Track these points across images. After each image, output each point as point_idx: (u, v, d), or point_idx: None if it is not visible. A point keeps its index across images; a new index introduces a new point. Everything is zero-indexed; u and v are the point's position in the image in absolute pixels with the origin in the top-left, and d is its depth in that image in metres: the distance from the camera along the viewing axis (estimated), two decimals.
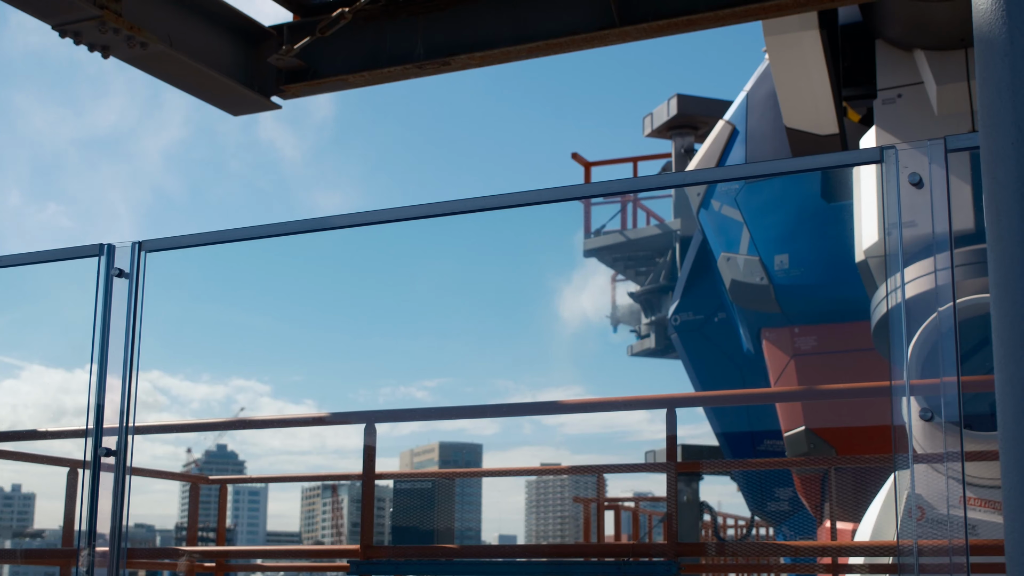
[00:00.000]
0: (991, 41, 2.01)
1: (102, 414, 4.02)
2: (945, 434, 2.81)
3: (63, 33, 6.80)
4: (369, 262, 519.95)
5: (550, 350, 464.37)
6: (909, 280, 3.14)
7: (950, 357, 2.87)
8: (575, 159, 21.40)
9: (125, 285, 4.02)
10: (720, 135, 12.22)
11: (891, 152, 2.86)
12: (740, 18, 6.91)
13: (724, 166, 11.76)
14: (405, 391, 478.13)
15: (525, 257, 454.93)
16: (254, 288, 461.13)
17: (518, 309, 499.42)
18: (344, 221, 4.05)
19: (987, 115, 2.01)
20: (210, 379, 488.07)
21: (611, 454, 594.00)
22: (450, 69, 7.60)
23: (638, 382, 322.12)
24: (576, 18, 7.17)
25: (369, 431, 7.76)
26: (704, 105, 19.22)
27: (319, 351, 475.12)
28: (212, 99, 7.86)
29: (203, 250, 4.23)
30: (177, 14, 7.34)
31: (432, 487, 10.09)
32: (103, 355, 4.00)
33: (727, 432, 13.48)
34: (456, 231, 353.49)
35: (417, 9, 7.58)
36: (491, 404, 23.49)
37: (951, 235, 2.74)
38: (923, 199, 2.80)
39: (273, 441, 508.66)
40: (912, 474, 3.16)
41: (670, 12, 6.95)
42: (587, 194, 5.26)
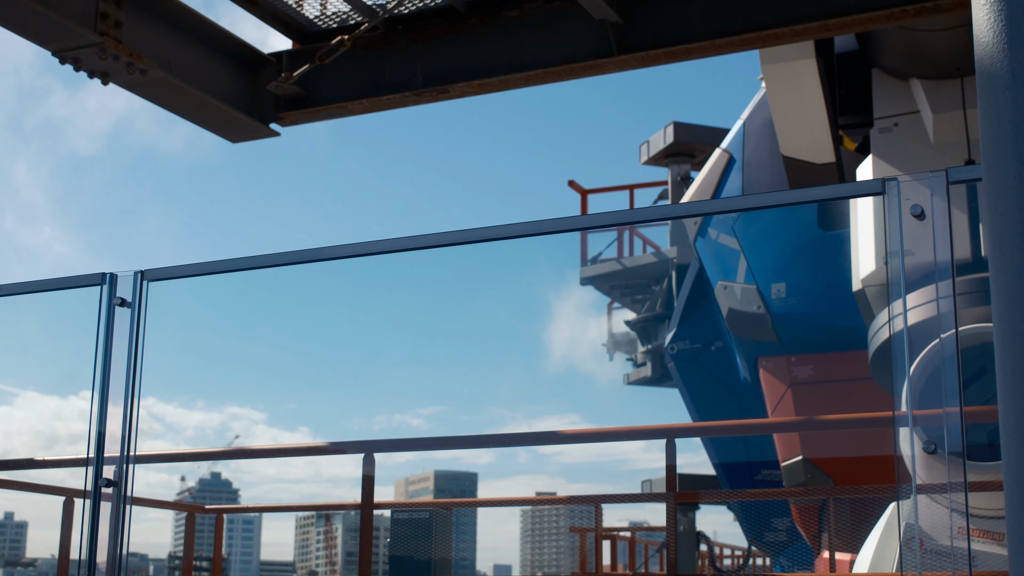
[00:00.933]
0: (993, 74, 2.01)
1: (103, 443, 4.01)
2: (948, 465, 2.81)
3: (63, 59, 6.82)
4: (365, 292, 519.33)
5: (546, 378, 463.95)
6: (909, 308, 3.14)
7: (952, 387, 2.86)
8: (572, 186, 21.43)
9: (127, 314, 4.02)
10: (717, 163, 12.24)
11: (893, 184, 2.86)
12: (737, 47, 6.94)
13: (723, 197, 11.78)
14: (400, 419, 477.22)
15: (521, 285, 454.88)
16: (250, 316, 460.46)
17: (514, 337, 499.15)
18: (341, 252, 4.05)
19: (989, 147, 2.01)
20: (205, 406, 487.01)
21: (607, 483, 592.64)
22: (448, 97, 7.62)
23: (634, 411, 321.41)
24: (574, 46, 7.20)
25: (368, 461, 7.74)
26: (701, 133, 19.27)
27: (314, 379, 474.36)
28: (211, 126, 7.88)
29: (201, 279, 4.23)
30: (177, 41, 7.36)
31: (429, 517, 10.06)
32: (104, 385, 3.99)
33: (724, 462, 13.45)
34: (453, 261, 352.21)
35: (416, 37, 7.61)
36: (488, 434, 23.43)
37: (953, 266, 2.75)
38: (924, 230, 2.80)
39: (268, 469, 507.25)
40: (915, 505, 3.15)
41: (667, 41, 6.98)
42: (584, 226, 5.26)
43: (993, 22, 2.00)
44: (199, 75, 7.51)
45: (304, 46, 7.82)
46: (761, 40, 6.89)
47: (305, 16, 7.72)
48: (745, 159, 11.96)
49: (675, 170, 19.62)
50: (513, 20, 7.36)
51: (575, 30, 7.17)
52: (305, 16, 7.72)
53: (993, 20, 2.01)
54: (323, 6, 7.69)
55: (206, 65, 7.60)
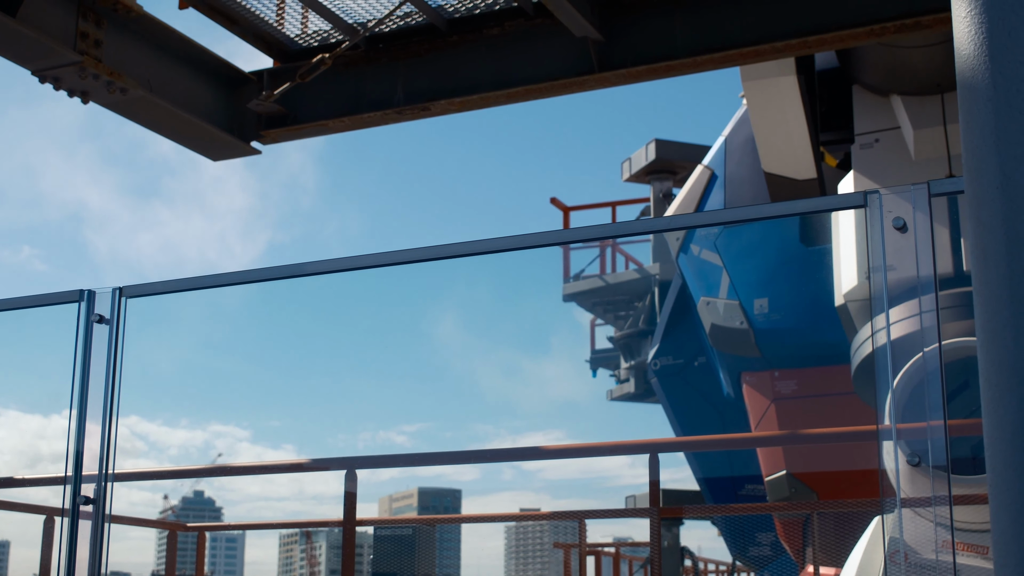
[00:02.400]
0: (974, 86, 2.02)
1: (81, 461, 3.98)
2: (932, 479, 2.81)
3: (43, 79, 6.80)
4: (347, 308, 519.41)
5: (530, 394, 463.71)
6: (892, 322, 3.14)
7: (935, 400, 2.86)
8: (554, 204, 21.46)
9: (105, 331, 4.00)
10: (699, 180, 12.27)
11: (875, 197, 2.87)
12: (718, 64, 6.96)
13: (704, 211, 11.80)
14: (385, 436, 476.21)
15: (505, 302, 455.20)
16: (233, 333, 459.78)
17: (498, 353, 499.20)
18: (323, 267, 4.04)
19: (971, 159, 2.01)
20: (188, 424, 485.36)
21: (591, 499, 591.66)
22: (430, 114, 7.62)
23: (618, 426, 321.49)
24: (555, 64, 7.21)
25: (350, 478, 7.71)
26: (682, 150, 19.31)
27: (298, 396, 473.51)
28: (192, 144, 7.86)
29: (182, 295, 4.21)
30: (157, 59, 7.35)
31: (412, 533, 10.02)
32: (82, 402, 3.97)
33: (708, 477, 13.45)
34: (435, 277, 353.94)
35: (397, 55, 7.61)
36: (470, 451, 23.35)
37: (936, 279, 2.75)
38: (906, 243, 2.80)
39: (251, 487, 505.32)
40: (899, 519, 3.14)
41: (649, 58, 6.99)
42: (566, 240, 5.26)
43: (974, 35, 2.01)
44: (180, 94, 7.50)
45: (285, 64, 7.82)
46: (742, 57, 6.91)
47: (286, 34, 7.72)
48: (727, 175, 11.98)
49: (657, 187, 19.65)
50: (494, 38, 7.37)
51: (556, 47, 7.18)
52: (286, 34, 7.72)
53: (974, 33, 2.01)
54: (304, 24, 7.69)
55: (187, 84, 7.59)
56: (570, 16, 6.72)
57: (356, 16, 7.48)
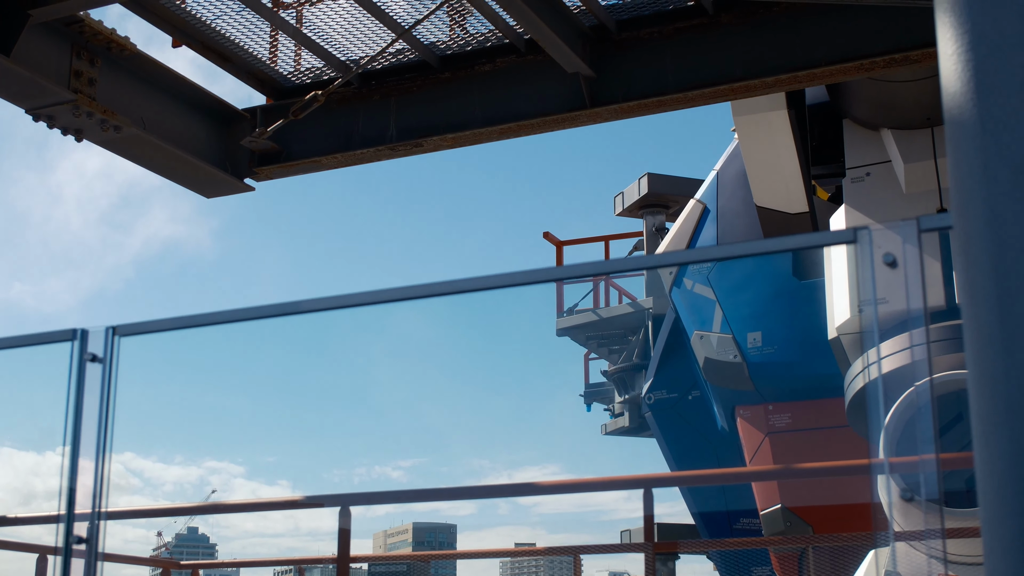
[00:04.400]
0: (961, 123, 2.03)
1: (74, 500, 3.97)
2: (925, 512, 2.81)
3: (37, 117, 6.82)
4: (341, 344, 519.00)
5: (525, 429, 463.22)
6: (884, 356, 3.15)
7: (927, 434, 2.87)
8: (547, 238, 21.47)
9: (99, 370, 4.00)
10: (691, 214, 12.31)
11: (865, 233, 2.88)
12: (709, 99, 7.00)
13: (695, 248, 11.84)
14: (380, 471, 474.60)
15: (499, 337, 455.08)
16: (228, 370, 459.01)
17: (492, 388, 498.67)
18: (316, 305, 4.04)
19: (959, 195, 2.03)
20: (183, 460, 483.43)
21: (586, 533, 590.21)
22: (423, 151, 7.65)
23: (613, 460, 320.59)
24: (547, 100, 7.25)
25: (344, 514, 7.68)
26: (674, 184, 19.35)
27: (293, 432, 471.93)
28: (185, 182, 7.88)
29: (176, 334, 4.21)
30: (150, 97, 7.38)
31: (407, 570, 9.98)
32: (76, 440, 3.96)
33: (703, 511, 13.42)
34: (429, 313, 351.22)
35: (390, 92, 7.64)
36: (464, 486, 23.35)
37: (926, 314, 2.76)
38: (897, 278, 2.82)
39: (246, 524, 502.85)
40: (893, 552, 3.14)
41: (640, 93, 7.03)
42: (560, 276, 5.27)
43: (961, 72, 2.03)
44: (173, 131, 7.52)
45: (278, 101, 7.85)
46: (732, 92, 6.95)
47: (279, 72, 7.76)
48: (719, 209, 12.03)
49: (650, 221, 19.68)
50: (486, 74, 7.41)
51: (548, 84, 7.22)
52: (279, 72, 7.76)
53: (961, 70, 2.03)
54: (296, 62, 7.73)
55: (180, 121, 7.62)
56: (562, 53, 6.76)
57: (349, 53, 7.51)
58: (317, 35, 7.34)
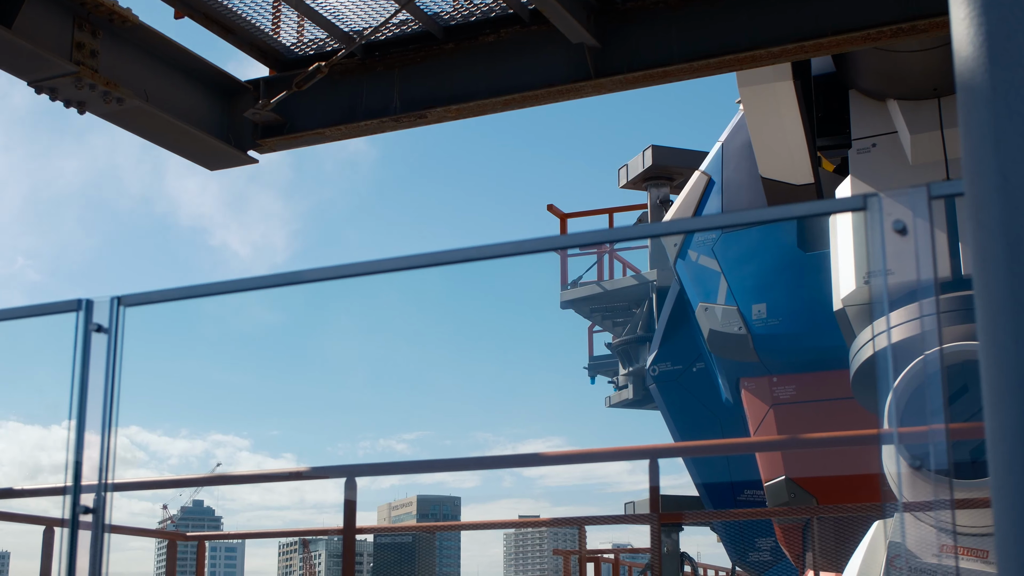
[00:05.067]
0: (973, 88, 2.01)
1: (80, 471, 3.97)
2: (935, 483, 2.80)
3: (39, 89, 6.79)
4: (346, 315, 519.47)
5: (529, 402, 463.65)
6: (892, 326, 3.13)
7: (936, 404, 2.86)
8: (551, 211, 21.44)
9: (104, 340, 3.98)
10: (696, 186, 12.27)
11: (875, 200, 2.86)
12: (714, 69, 6.96)
13: (704, 215, 11.81)
14: (385, 444, 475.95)
15: (504, 309, 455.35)
16: (233, 343, 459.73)
17: (497, 361, 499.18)
18: (320, 275, 4.03)
19: (971, 161, 2.01)
20: (188, 434, 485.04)
21: (591, 505, 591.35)
22: (426, 122, 7.62)
23: (617, 433, 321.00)
24: (551, 70, 7.21)
25: (350, 486, 7.70)
26: (679, 156, 19.30)
27: (298, 405, 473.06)
28: (188, 154, 7.86)
29: (182, 305, 4.20)
30: (153, 69, 7.35)
31: (412, 541, 10.01)
32: (81, 412, 3.95)
33: (707, 483, 13.44)
34: (433, 284, 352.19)
35: (393, 63, 7.61)
36: (468, 457, 23.45)
37: (936, 282, 2.75)
38: (906, 246, 2.80)
39: (251, 496, 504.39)
40: (901, 523, 3.14)
41: (645, 64, 6.99)
42: (564, 245, 5.26)
43: (973, 37, 2.01)
44: (176, 103, 7.49)
45: (281, 73, 7.82)
46: (738, 62, 6.92)
47: (282, 43, 7.72)
48: (724, 181, 11.99)
49: (654, 193, 19.64)
50: (490, 45, 7.37)
51: (552, 54, 7.18)
52: (282, 43, 7.72)
53: (973, 35, 2.01)
54: (299, 33, 7.69)
55: (183, 93, 7.59)
56: (566, 23, 6.72)
57: (352, 24, 7.48)
58: (320, 6, 7.30)
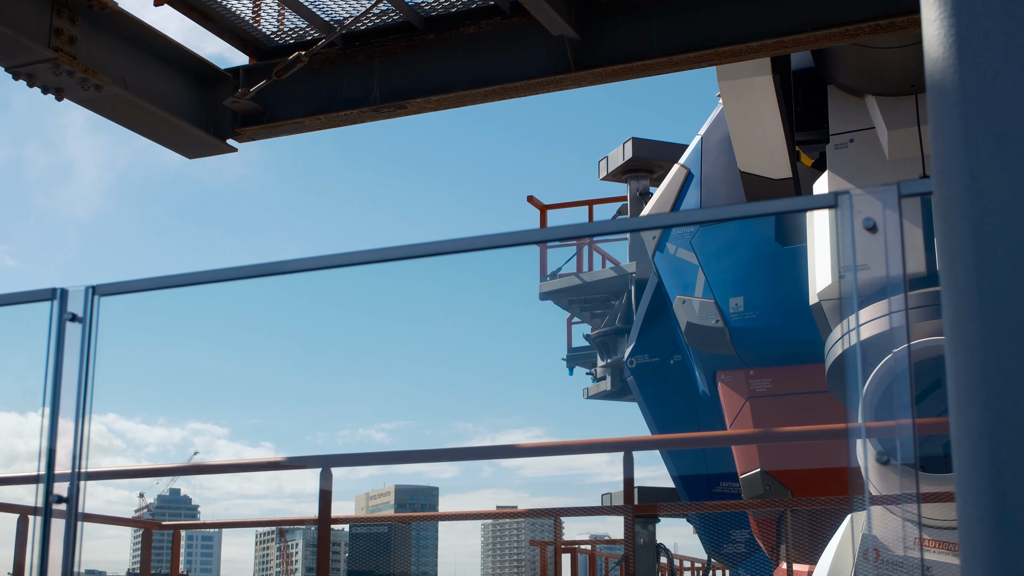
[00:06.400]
0: (943, 89, 2.04)
1: (54, 460, 3.97)
2: (901, 476, 2.83)
3: (16, 75, 6.77)
4: (326, 306, 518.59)
5: (509, 392, 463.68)
6: (863, 323, 3.16)
7: (904, 399, 2.89)
8: (531, 202, 21.46)
9: (78, 330, 3.97)
10: (675, 179, 12.30)
11: (845, 197, 2.89)
12: (694, 63, 6.99)
13: (680, 211, 11.84)
14: (364, 433, 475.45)
15: (483, 300, 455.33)
16: (212, 331, 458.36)
17: (477, 351, 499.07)
18: (301, 265, 4.02)
19: (940, 161, 2.03)
20: (167, 422, 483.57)
21: (569, 496, 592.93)
22: (406, 113, 7.62)
23: (596, 424, 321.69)
24: (532, 62, 7.22)
25: (325, 476, 7.70)
26: (659, 149, 19.33)
27: (277, 394, 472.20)
28: (167, 142, 7.84)
29: (160, 293, 4.20)
30: (132, 57, 7.33)
31: (388, 531, 10.02)
32: (55, 401, 3.95)
33: (683, 475, 13.49)
34: (413, 275, 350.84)
35: (373, 53, 7.61)
36: (445, 448, 23.34)
37: (905, 280, 2.77)
38: (877, 243, 2.83)
39: (229, 485, 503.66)
40: (868, 516, 3.17)
41: (625, 57, 7.01)
42: (543, 239, 5.27)
43: (943, 37, 2.03)
44: (155, 91, 7.48)
45: (261, 62, 7.80)
46: (717, 56, 6.94)
47: (262, 32, 7.71)
48: (703, 174, 12.02)
49: (634, 185, 19.67)
50: (471, 36, 7.37)
51: (533, 46, 7.19)
52: (262, 32, 7.71)
53: (943, 36, 2.03)
54: (280, 22, 7.68)
55: (162, 81, 7.57)
56: (547, 15, 6.73)
57: (333, 14, 7.47)
58: None
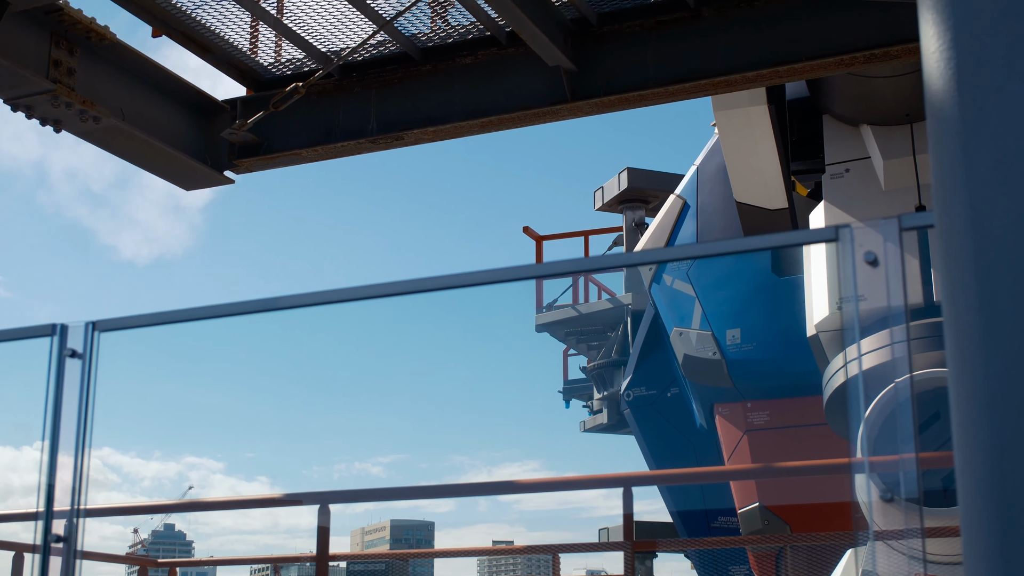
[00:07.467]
0: (944, 120, 2.03)
1: (52, 497, 3.93)
2: (905, 512, 2.81)
3: (15, 107, 6.77)
4: (322, 341, 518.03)
5: (505, 425, 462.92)
6: (863, 353, 3.14)
7: (907, 432, 2.87)
8: (527, 233, 21.46)
9: (78, 366, 3.95)
10: (671, 209, 12.31)
11: (846, 231, 2.88)
12: (689, 94, 6.99)
13: (677, 245, 11.84)
14: (360, 467, 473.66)
15: (478, 332, 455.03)
16: (208, 366, 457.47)
17: (472, 384, 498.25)
18: (297, 301, 4.01)
19: (941, 193, 2.02)
20: (162, 456, 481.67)
21: (566, 531, 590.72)
22: (403, 144, 7.62)
23: (592, 457, 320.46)
24: (528, 93, 7.23)
25: (323, 512, 7.65)
26: (654, 179, 19.35)
27: (273, 428, 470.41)
28: (164, 174, 7.84)
29: (157, 329, 4.17)
30: (130, 88, 7.33)
31: (385, 569, 9.97)
32: (54, 437, 3.92)
33: (681, 510, 13.43)
34: (410, 309, 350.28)
35: (370, 84, 7.61)
36: (443, 484, 23.29)
37: (907, 313, 2.76)
38: (877, 276, 2.82)
39: (224, 520, 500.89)
40: (871, 551, 3.14)
41: (621, 87, 7.02)
42: (539, 274, 5.26)
43: (943, 69, 2.02)
44: (152, 122, 7.48)
45: (258, 93, 7.81)
46: (713, 87, 6.95)
47: (259, 63, 7.72)
48: (699, 205, 12.03)
49: (629, 216, 19.68)
50: (468, 67, 7.38)
51: (529, 77, 7.20)
52: (259, 63, 7.72)
53: (943, 67, 2.02)
54: (277, 53, 7.69)
55: (160, 112, 7.57)
56: (543, 46, 6.74)
57: (330, 45, 7.48)
58: (298, 26, 7.30)
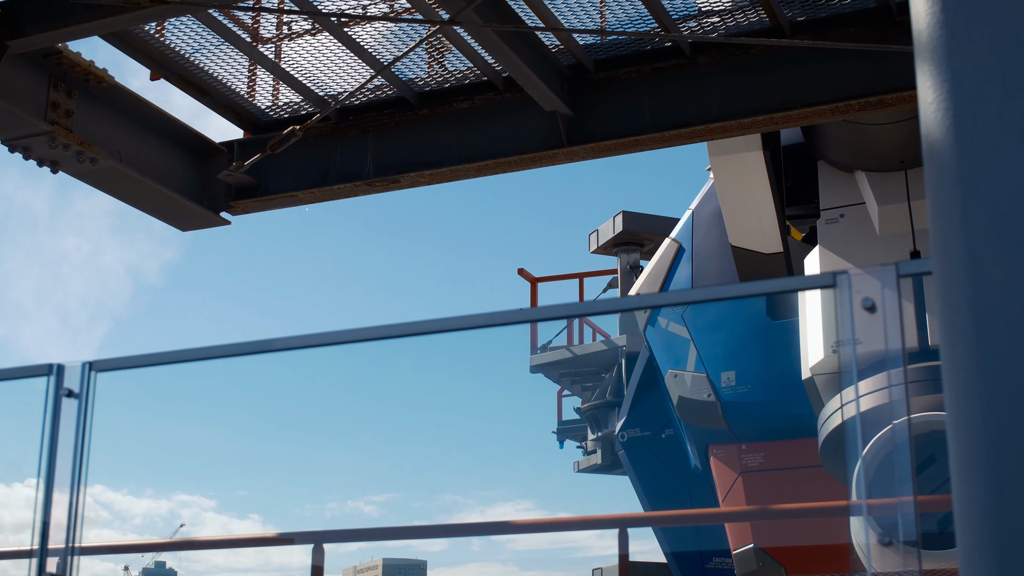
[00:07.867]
0: (941, 168, 2.05)
1: (47, 535, 3.93)
2: (903, 554, 2.82)
3: (12, 148, 6.80)
4: (316, 382, 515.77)
5: (498, 465, 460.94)
6: (860, 396, 3.15)
7: (905, 474, 2.88)
8: (521, 275, 21.46)
9: (74, 406, 3.96)
10: (666, 253, 12.34)
11: (844, 277, 2.90)
12: (685, 139, 7.04)
13: (675, 290, 11.86)
14: (353, 505, 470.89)
15: (472, 372, 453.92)
16: (201, 404, 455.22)
17: (466, 424, 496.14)
18: (291, 343, 4.02)
19: (938, 241, 2.04)
20: (154, 493, 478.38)
21: (559, 571, 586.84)
22: (399, 187, 7.65)
23: (586, 497, 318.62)
24: (525, 137, 7.27)
25: (317, 551, 7.61)
26: (649, 222, 19.38)
27: (265, 466, 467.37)
28: (161, 215, 7.86)
29: (150, 368, 4.18)
30: (127, 130, 7.37)
31: None
32: (50, 476, 3.92)
33: (676, 551, 13.38)
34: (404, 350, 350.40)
35: (367, 127, 7.65)
36: (436, 524, 23.25)
37: (904, 357, 2.78)
38: (875, 321, 2.84)
39: (216, 558, 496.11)
40: None
41: (617, 132, 7.06)
42: (533, 318, 5.27)
43: (941, 118, 2.05)
44: (149, 164, 7.51)
45: (255, 135, 7.85)
46: (709, 132, 6.99)
47: (257, 106, 7.76)
48: (694, 249, 12.05)
49: (624, 259, 19.70)
50: (464, 111, 7.43)
51: (526, 121, 7.24)
52: (257, 106, 7.76)
53: (941, 116, 2.05)
54: (275, 96, 7.74)
55: (157, 154, 7.60)
56: (540, 90, 6.78)
57: (327, 88, 7.53)
58: (295, 70, 7.35)
